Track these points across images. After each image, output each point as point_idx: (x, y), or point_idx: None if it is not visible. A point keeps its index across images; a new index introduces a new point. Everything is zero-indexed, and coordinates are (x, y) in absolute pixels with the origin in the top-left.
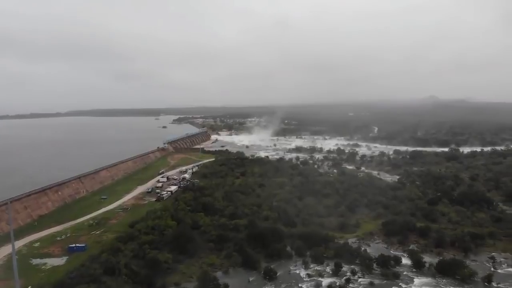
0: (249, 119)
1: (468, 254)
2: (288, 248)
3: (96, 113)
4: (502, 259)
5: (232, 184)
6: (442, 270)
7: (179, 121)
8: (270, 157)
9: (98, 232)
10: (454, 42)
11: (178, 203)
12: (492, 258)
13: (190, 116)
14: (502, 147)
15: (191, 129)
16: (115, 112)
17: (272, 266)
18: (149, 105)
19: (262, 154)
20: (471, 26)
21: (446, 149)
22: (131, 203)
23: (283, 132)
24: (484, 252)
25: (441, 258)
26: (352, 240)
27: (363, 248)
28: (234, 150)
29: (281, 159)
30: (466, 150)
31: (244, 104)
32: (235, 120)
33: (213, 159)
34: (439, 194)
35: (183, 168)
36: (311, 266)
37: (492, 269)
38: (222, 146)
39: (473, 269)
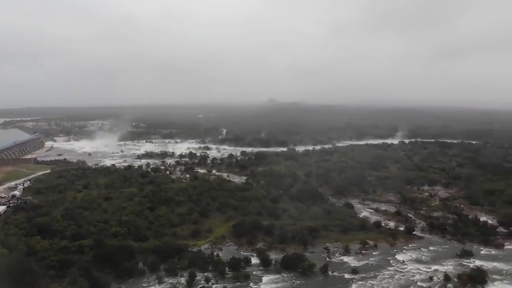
0: (92, 122)
1: (307, 247)
2: (140, 265)
3: None
4: (335, 249)
5: (73, 200)
6: (286, 265)
7: (4, 125)
8: (117, 165)
9: None
10: (290, 50)
11: (8, 227)
12: (327, 248)
13: (19, 119)
14: (330, 145)
15: (20, 136)
16: None
17: (123, 287)
18: None
19: (108, 162)
20: (305, 36)
21: (285, 149)
22: None
23: (131, 136)
24: (320, 243)
25: (284, 253)
26: (205, 247)
27: (216, 254)
28: (74, 159)
29: (129, 167)
30: (301, 149)
31: (85, 104)
32: (74, 123)
33: (49, 170)
34: (280, 192)
35: (12, 183)
36: (165, 280)
37: (328, 259)
38: (60, 155)
39: (311, 261)
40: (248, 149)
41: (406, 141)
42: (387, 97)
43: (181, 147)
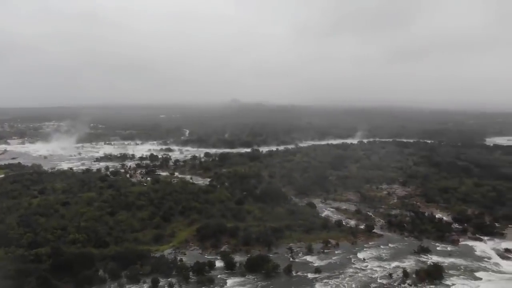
0: (47, 123)
1: (271, 248)
2: (101, 272)
3: None
4: (298, 249)
5: (29, 206)
6: (250, 267)
7: None
8: (74, 168)
9: None
10: (253, 50)
11: None
12: (290, 248)
13: None
14: (293, 146)
15: None
16: None
17: None
18: None
19: (65, 165)
20: (268, 37)
21: (249, 150)
22: None
23: (90, 138)
24: (284, 244)
25: (249, 255)
26: (168, 251)
27: (179, 258)
28: (29, 162)
29: (88, 171)
30: (265, 149)
31: (41, 105)
32: (28, 125)
33: (2, 175)
34: (245, 193)
35: None
36: (127, 287)
37: (291, 259)
38: (13, 158)
39: (276, 262)
40: (212, 150)
41: (365, 140)
42: (348, 97)
43: (142, 149)
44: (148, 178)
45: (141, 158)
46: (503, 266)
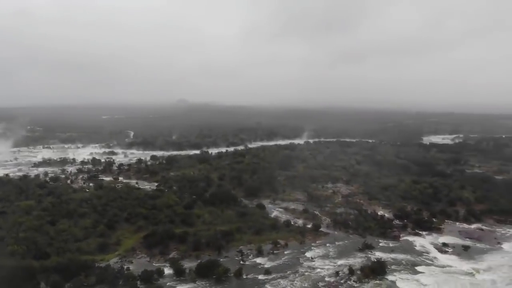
0: None
1: (221, 251)
2: (43, 285)
3: None
4: (248, 251)
5: None
6: (200, 272)
7: None
8: (11, 175)
9: None
10: (200, 50)
11: None
12: (240, 251)
13: None
14: (242, 147)
15: None
16: None
17: None
18: None
19: (0, 172)
20: (217, 37)
21: (198, 152)
22: None
23: (26, 141)
24: (234, 247)
25: (199, 261)
26: (114, 261)
27: (126, 267)
28: None
29: (25, 177)
30: (214, 151)
31: None
32: None
33: None
34: (194, 197)
35: None
36: None
37: (241, 262)
38: None
39: (226, 266)
40: (159, 153)
41: (311, 140)
42: (295, 98)
43: (83, 153)
44: (91, 184)
45: (83, 163)
46: (440, 259)
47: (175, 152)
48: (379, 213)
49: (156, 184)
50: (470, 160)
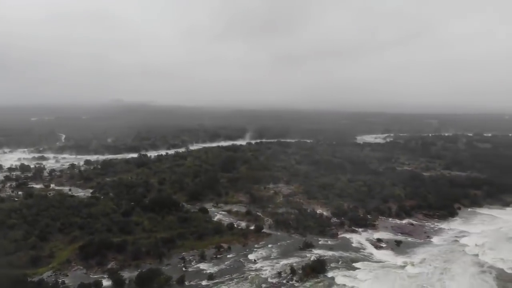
0: None
1: (163, 259)
2: None
3: None
4: (191, 257)
5: None
6: (141, 282)
7: None
8: None
9: None
10: (137, 49)
11: None
12: (183, 258)
13: None
14: (183, 149)
15: None
16: None
17: None
18: None
19: None
20: (155, 36)
21: (135, 155)
22: None
23: None
24: (176, 253)
25: (139, 270)
26: (48, 274)
27: (61, 281)
28: None
29: None
30: (153, 154)
31: None
32: None
33: None
34: (132, 203)
35: None
36: None
37: (184, 269)
38: None
39: (168, 275)
40: (93, 157)
41: (253, 141)
42: (236, 98)
43: (11, 158)
44: (20, 192)
45: (10, 169)
46: (376, 255)
47: (111, 156)
48: (318, 212)
49: (91, 190)
50: (400, 158)
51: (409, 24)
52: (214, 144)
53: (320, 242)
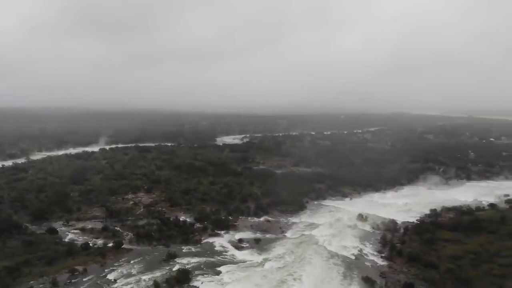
0: None
1: None
2: None
3: None
4: (40, 286)
5: None
6: None
7: None
8: None
9: None
10: None
11: None
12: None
13: None
14: (23, 160)
15: None
16: None
17: None
18: None
19: None
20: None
21: None
22: None
23: None
24: (23, 283)
25: None
26: None
27: None
28: None
29: None
30: None
31: None
32: None
33: None
34: None
35: None
36: None
37: None
38: None
39: None
40: None
41: (107, 147)
42: (87, 100)
43: None
44: None
45: None
46: (238, 256)
47: None
48: (181, 219)
49: None
50: (256, 158)
51: (264, 31)
52: (61, 152)
53: (184, 251)
